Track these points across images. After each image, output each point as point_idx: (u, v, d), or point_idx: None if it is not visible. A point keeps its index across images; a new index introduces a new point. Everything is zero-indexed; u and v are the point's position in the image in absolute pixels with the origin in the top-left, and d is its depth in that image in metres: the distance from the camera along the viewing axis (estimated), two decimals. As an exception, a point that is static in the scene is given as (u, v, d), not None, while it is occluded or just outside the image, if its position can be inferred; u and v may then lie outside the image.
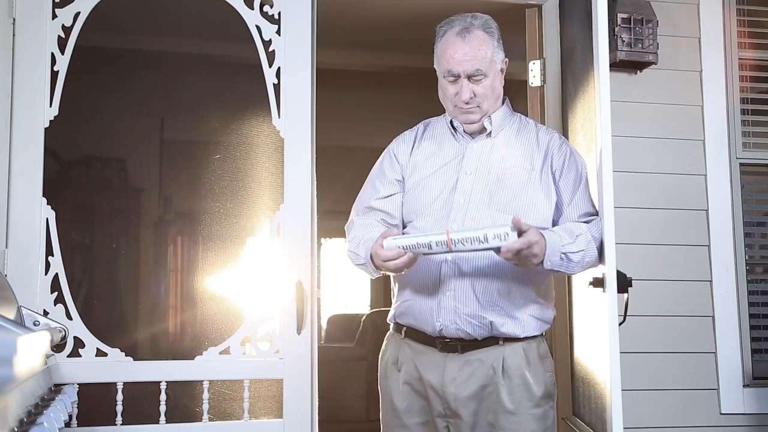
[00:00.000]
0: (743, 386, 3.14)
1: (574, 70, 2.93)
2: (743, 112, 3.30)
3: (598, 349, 2.43)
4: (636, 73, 3.20)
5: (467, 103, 2.23)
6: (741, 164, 3.27)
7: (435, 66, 2.31)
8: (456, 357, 2.19)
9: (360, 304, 9.76)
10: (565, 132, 3.03)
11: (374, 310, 7.95)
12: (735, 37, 3.32)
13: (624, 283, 2.31)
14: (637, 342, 3.09)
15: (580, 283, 2.56)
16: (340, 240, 9.97)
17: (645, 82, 3.22)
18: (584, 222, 2.25)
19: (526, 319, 2.20)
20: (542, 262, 2.07)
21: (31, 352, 0.68)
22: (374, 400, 7.17)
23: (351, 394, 6.71)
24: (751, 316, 3.21)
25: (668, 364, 3.12)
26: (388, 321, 2.37)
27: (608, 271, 2.24)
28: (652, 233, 3.16)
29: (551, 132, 2.37)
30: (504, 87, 2.38)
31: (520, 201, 2.20)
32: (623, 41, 3.09)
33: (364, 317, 7.15)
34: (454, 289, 2.17)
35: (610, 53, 3.07)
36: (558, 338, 3.07)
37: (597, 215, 2.29)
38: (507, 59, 2.32)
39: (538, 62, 3.27)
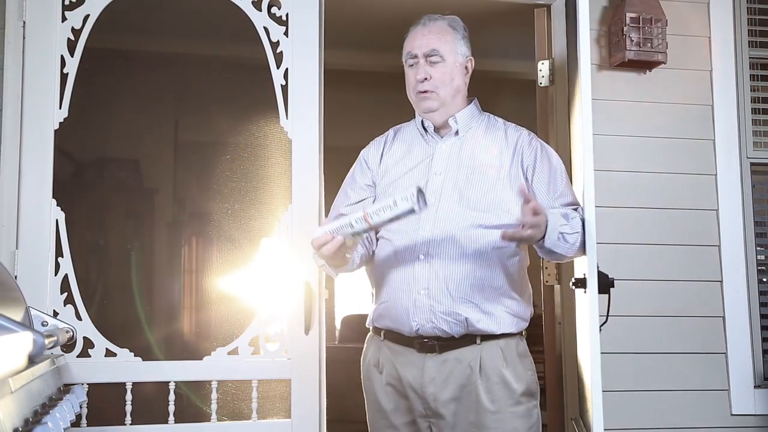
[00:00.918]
0: (754, 387, 3.12)
1: (577, 70, 2.93)
2: (754, 111, 3.28)
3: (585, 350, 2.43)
4: (645, 73, 3.19)
5: (422, 84, 2.25)
6: (752, 164, 3.25)
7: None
8: (434, 357, 2.20)
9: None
10: (569, 131, 3.03)
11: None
12: (746, 36, 3.30)
13: (606, 284, 2.31)
14: (648, 342, 3.07)
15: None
16: (353, 240, 9.96)
17: (654, 82, 3.20)
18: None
19: (501, 315, 2.20)
20: (543, 237, 2.11)
21: (5, 353, 0.69)
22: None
23: (362, 394, 6.70)
24: (762, 316, 3.19)
25: (678, 365, 3.10)
26: (366, 325, 2.37)
27: (589, 271, 2.25)
28: (662, 233, 3.14)
29: (520, 129, 2.36)
30: (510, 87, 2.39)
31: (490, 199, 2.21)
32: (632, 41, 3.07)
33: (376, 318, 7.15)
34: (428, 288, 2.17)
35: (618, 53, 3.10)
36: (567, 339, 3.07)
37: (578, 206, 2.30)
38: (472, 58, 2.34)
39: (546, 62, 3.26)
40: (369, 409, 2.36)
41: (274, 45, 2.87)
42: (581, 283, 2.31)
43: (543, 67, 3.27)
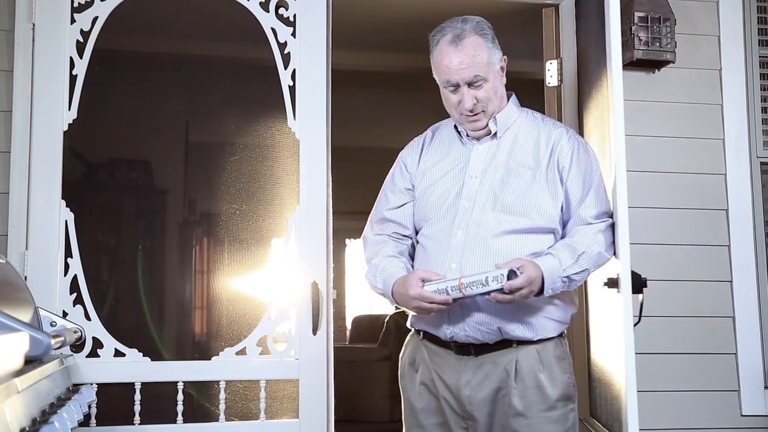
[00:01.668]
0: (765, 387, 3.10)
1: (588, 70, 2.92)
2: (764, 110, 3.26)
3: (613, 350, 2.41)
4: (654, 72, 3.18)
5: (472, 111, 2.20)
6: (761, 163, 3.23)
7: (434, 76, 2.28)
8: (470, 360, 2.18)
9: (384, 304, 9.76)
10: (580, 132, 3.02)
11: (398, 310, 7.95)
12: (755, 35, 3.28)
13: (639, 284, 2.29)
14: (657, 343, 3.06)
15: (596, 283, 2.54)
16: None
17: (663, 81, 3.19)
18: (599, 223, 2.21)
19: (540, 323, 2.17)
20: (542, 291, 2.07)
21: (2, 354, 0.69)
22: (398, 400, 7.16)
23: (374, 394, 6.72)
24: (772, 316, 3.17)
25: (688, 366, 3.08)
26: (407, 326, 2.37)
27: (623, 272, 2.22)
28: (671, 233, 3.13)
29: (559, 126, 2.29)
30: (518, 86, 2.38)
31: (524, 201, 2.17)
32: (640, 40, 3.06)
33: (387, 318, 7.16)
34: None
35: (626, 52, 3.08)
36: (576, 339, 3.05)
37: (611, 215, 2.25)
38: (506, 57, 2.27)
39: (555, 62, 3.26)
40: (403, 406, 2.37)
41: (282, 46, 2.87)
42: (613, 283, 2.27)
43: (551, 67, 3.26)
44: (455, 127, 2.32)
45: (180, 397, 2.69)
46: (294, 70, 2.87)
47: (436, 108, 2.56)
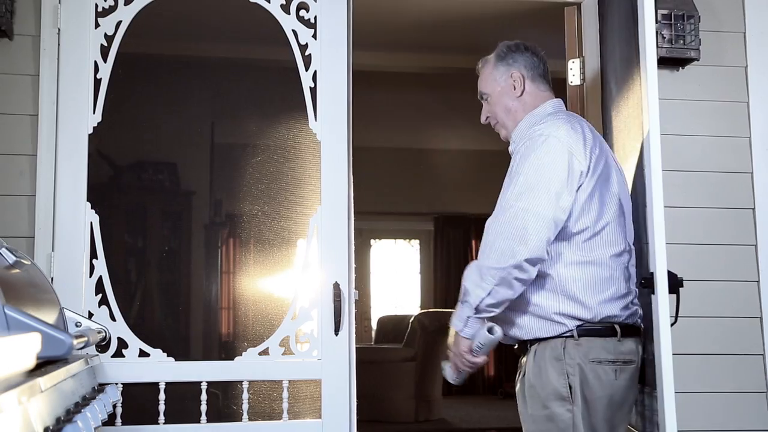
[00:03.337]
0: (793, 389, 3.06)
1: (615, 69, 2.90)
2: (791, 107, 3.21)
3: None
4: (678, 70, 3.14)
5: (488, 123, 2.47)
6: (789, 161, 3.18)
7: None
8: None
9: (410, 305, 9.77)
10: (606, 131, 3.00)
11: (423, 311, 7.96)
12: (783, 31, 3.24)
13: (675, 284, 2.27)
14: (685, 344, 3.02)
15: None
16: (389, 241, 9.99)
17: (687, 79, 3.15)
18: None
19: (526, 322, 2.25)
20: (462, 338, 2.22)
21: (12, 354, 0.71)
22: (423, 401, 7.18)
23: (399, 395, 6.72)
24: (801, 317, 3.12)
25: (715, 367, 3.04)
26: None
27: (659, 272, 2.20)
28: (697, 233, 3.09)
29: (531, 133, 2.26)
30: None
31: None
32: (664, 38, 3.03)
33: (412, 318, 7.16)
34: None
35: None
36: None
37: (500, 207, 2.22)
38: (515, 71, 2.37)
39: (577, 61, 3.24)
40: None
41: (303, 48, 2.89)
42: (648, 283, 2.24)
43: (574, 66, 3.25)
44: None
45: (204, 396, 2.72)
46: (315, 72, 2.88)
47: (458, 107, 2.57)
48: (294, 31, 2.89)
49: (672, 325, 2.25)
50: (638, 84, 2.40)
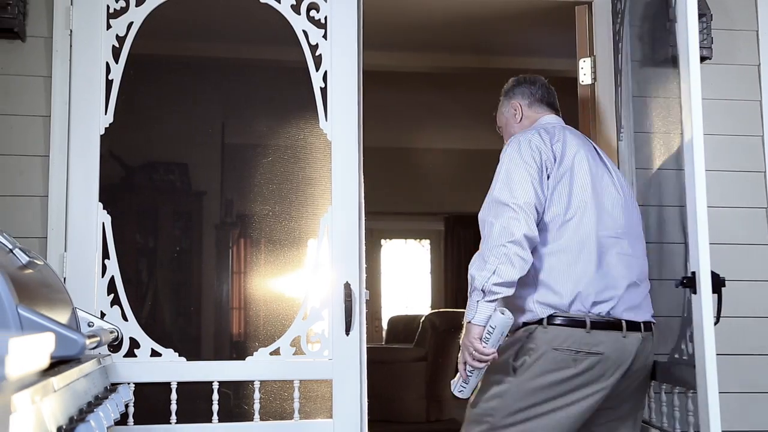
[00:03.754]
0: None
1: (634, 68, 2.90)
2: (804, 106, 3.19)
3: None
4: (690, 69, 3.12)
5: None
6: (803, 160, 3.16)
7: None
8: None
9: (420, 305, 9.77)
10: (621, 129, 3.00)
11: (433, 311, 7.95)
12: (796, 29, 3.22)
13: (717, 284, 2.26)
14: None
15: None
16: (400, 241, 10.00)
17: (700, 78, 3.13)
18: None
19: (510, 308, 2.34)
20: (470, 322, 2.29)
21: (25, 354, 0.71)
22: (434, 401, 7.14)
23: (410, 394, 6.71)
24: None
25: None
26: None
27: (703, 272, 2.19)
28: (710, 232, 3.07)
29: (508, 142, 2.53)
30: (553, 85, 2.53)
31: None
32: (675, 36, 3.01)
33: (423, 318, 7.15)
34: None
35: (660, 49, 3.04)
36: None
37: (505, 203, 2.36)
38: (514, 101, 2.71)
39: (588, 60, 3.23)
40: None
41: (313, 48, 2.89)
42: (690, 282, 2.25)
43: (585, 65, 3.24)
44: None
45: (215, 396, 2.72)
46: (326, 72, 2.88)
47: (468, 107, 2.57)
48: (304, 32, 2.89)
49: (715, 324, 2.24)
50: (674, 83, 2.40)
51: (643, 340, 2.37)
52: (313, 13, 2.90)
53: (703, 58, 3.07)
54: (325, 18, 2.90)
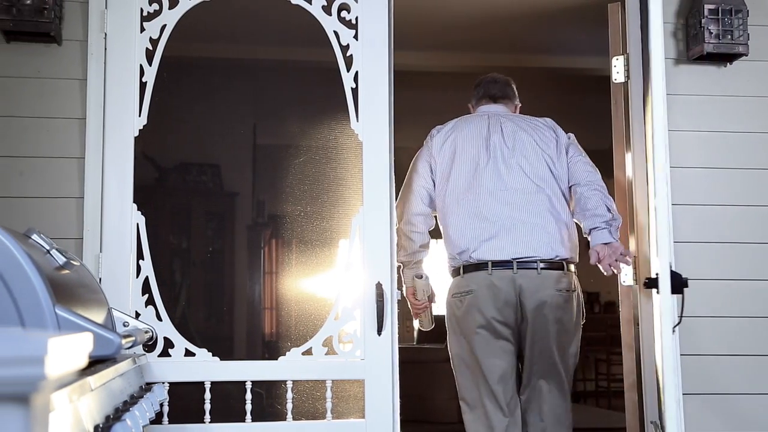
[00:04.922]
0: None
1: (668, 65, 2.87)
2: (844, 102, 3.13)
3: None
4: (725, 66, 3.08)
5: None
6: (842, 157, 3.10)
7: None
8: None
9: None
10: (646, 127, 2.96)
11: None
12: (834, 24, 3.15)
13: (679, 284, 2.24)
14: (705, 344, 2.94)
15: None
16: (432, 241, 9.97)
17: (735, 75, 3.09)
18: None
19: None
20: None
21: (64, 353, 0.72)
22: (465, 401, 7.00)
23: (442, 395, 6.70)
24: None
25: (736, 367, 2.96)
26: None
27: (662, 271, 2.18)
28: (742, 231, 3.03)
29: None
30: (583, 83, 2.39)
31: None
32: (711, 33, 2.97)
33: (454, 318, 7.12)
34: None
35: (696, 46, 3.01)
36: (645, 340, 2.99)
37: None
38: (518, 104, 3.16)
39: (621, 58, 3.19)
40: None
41: (344, 48, 2.90)
42: (653, 282, 2.26)
43: (618, 63, 3.20)
44: None
45: (248, 396, 2.74)
46: (356, 73, 2.88)
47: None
48: (335, 32, 2.90)
49: (676, 325, 2.24)
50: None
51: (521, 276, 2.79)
52: (344, 14, 2.91)
53: (739, 55, 3.03)
54: (356, 19, 2.91)
